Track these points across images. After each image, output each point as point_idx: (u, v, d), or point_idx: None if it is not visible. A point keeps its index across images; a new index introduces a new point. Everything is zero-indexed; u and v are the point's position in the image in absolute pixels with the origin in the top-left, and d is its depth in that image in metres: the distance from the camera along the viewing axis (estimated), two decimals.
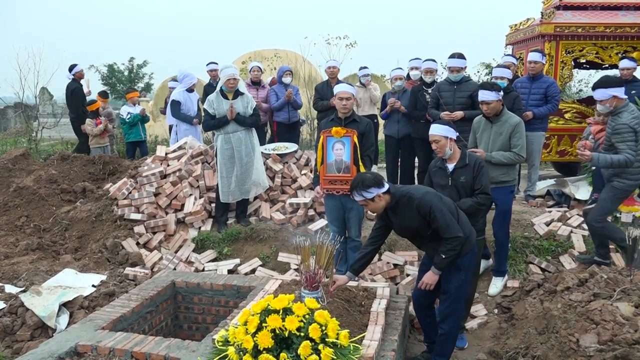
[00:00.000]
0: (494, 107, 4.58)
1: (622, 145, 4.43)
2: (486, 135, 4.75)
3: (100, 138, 8.74)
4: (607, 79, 4.68)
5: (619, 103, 4.49)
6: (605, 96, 4.47)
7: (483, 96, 4.56)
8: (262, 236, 5.97)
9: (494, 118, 4.65)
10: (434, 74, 6.32)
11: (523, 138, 4.60)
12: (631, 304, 3.67)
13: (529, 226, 5.72)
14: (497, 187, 4.62)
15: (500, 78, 5.73)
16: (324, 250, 3.44)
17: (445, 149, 4.01)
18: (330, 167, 4.89)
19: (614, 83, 4.51)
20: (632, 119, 4.43)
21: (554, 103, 6.16)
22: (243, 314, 2.76)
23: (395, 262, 5.54)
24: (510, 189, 4.81)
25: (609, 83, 4.51)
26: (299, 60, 13.10)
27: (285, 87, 7.45)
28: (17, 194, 6.72)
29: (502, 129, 4.64)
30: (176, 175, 6.54)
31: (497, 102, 4.57)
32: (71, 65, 9.21)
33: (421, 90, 6.29)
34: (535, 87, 6.16)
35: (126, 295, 4.16)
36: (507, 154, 4.61)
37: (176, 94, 7.56)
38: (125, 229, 6.09)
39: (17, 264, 5.34)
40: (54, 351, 3.24)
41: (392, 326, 3.56)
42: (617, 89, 4.46)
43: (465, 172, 4.03)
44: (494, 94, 4.52)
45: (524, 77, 6.42)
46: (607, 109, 4.55)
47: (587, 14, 7.17)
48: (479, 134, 4.83)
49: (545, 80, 6.18)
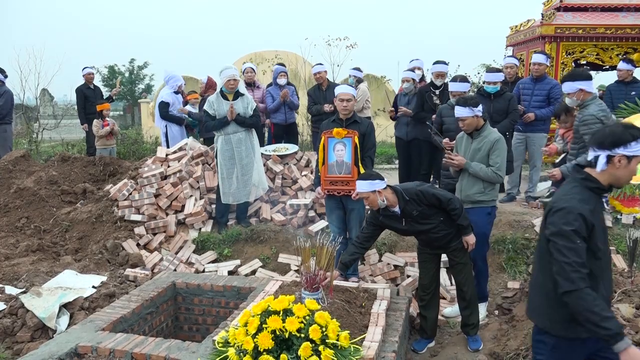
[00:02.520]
0: (470, 124, 4.33)
1: (588, 137, 4.36)
2: (466, 151, 4.50)
3: (106, 139, 8.78)
4: (575, 72, 4.71)
5: (587, 96, 4.48)
6: (573, 89, 4.46)
7: (457, 112, 4.33)
8: (263, 237, 5.97)
9: (474, 133, 4.41)
10: (444, 77, 6.25)
11: (503, 157, 4.35)
12: (632, 305, 3.67)
13: (529, 227, 5.72)
14: (473, 208, 4.36)
15: (493, 83, 5.73)
16: (325, 252, 3.44)
17: (377, 202, 3.87)
18: (331, 168, 4.89)
19: (581, 77, 4.51)
20: (598, 111, 4.44)
21: (556, 105, 6.10)
22: (243, 315, 2.75)
23: (395, 264, 5.53)
24: (487, 210, 4.45)
25: (577, 76, 4.51)
26: (299, 61, 13.11)
27: (281, 88, 7.45)
28: (17, 195, 6.72)
29: (481, 144, 4.39)
30: (176, 176, 6.55)
31: (473, 119, 4.29)
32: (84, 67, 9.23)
33: (428, 92, 6.26)
34: (538, 88, 6.17)
35: (126, 297, 4.16)
36: (485, 169, 4.33)
37: (164, 95, 7.59)
38: (126, 230, 6.09)
39: (17, 265, 5.33)
40: (54, 352, 3.24)
41: (393, 327, 3.56)
42: (584, 82, 4.46)
43: (413, 205, 3.90)
44: (468, 110, 4.26)
45: (527, 78, 6.43)
46: (575, 102, 4.54)
47: (587, 16, 7.18)
48: (460, 149, 4.58)
49: (548, 82, 6.20)
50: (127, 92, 24.03)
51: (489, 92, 5.78)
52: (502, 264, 5.41)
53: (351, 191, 4.85)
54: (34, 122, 13.58)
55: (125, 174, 7.01)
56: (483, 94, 5.85)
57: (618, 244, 5.49)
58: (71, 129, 15.74)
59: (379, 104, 14.47)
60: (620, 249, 5.39)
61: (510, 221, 5.82)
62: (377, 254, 5.65)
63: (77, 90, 9.02)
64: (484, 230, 4.45)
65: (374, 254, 5.64)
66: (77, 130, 14.87)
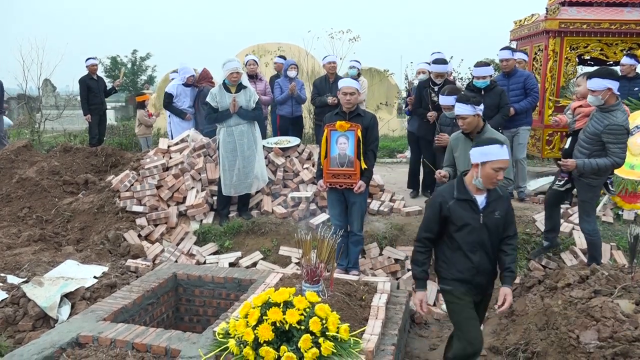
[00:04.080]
0: (471, 123, 3.97)
1: (615, 148, 4.24)
2: (465, 155, 3.94)
3: (146, 128, 8.96)
4: (605, 70, 4.45)
5: (611, 99, 4.26)
6: (601, 87, 4.21)
7: (458, 110, 3.98)
8: (264, 230, 5.98)
9: (475, 135, 4.00)
10: (444, 77, 6.10)
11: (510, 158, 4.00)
12: (632, 301, 3.67)
13: (530, 222, 5.72)
14: None
15: (481, 78, 5.61)
16: (326, 245, 3.44)
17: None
18: (333, 160, 4.89)
19: (611, 76, 4.26)
20: (625, 120, 4.26)
21: (533, 95, 6.17)
22: (244, 307, 2.76)
23: (396, 257, 5.54)
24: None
25: (607, 74, 4.25)
26: (302, 54, 13.06)
27: (290, 80, 7.43)
28: (19, 185, 6.74)
29: None
30: (178, 168, 6.55)
31: (474, 117, 3.95)
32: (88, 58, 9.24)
33: (427, 88, 6.15)
34: (512, 82, 6.17)
35: (128, 287, 4.17)
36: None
37: (170, 86, 7.63)
38: (127, 221, 6.10)
39: (19, 254, 5.35)
40: (56, 341, 3.26)
41: (393, 320, 3.57)
42: (613, 82, 4.22)
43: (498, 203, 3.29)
44: (470, 107, 3.91)
45: (499, 75, 6.44)
46: (599, 101, 4.28)
47: (592, 10, 7.13)
48: (458, 153, 4.19)
49: (520, 74, 6.21)
50: (130, 84, 24.02)
51: (478, 87, 5.64)
52: None
53: (353, 184, 4.86)
54: (36, 113, 13.57)
55: (127, 165, 7.02)
56: (473, 89, 5.68)
57: (619, 240, 5.49)
58: (73, 119, 15.73)
59: (382, 98, 14.43)
60: (621, 245, 5.40)
61: None
62: (378, 247, 5.66)
63: (80, 80, 9.01)
64: None
65: (374, 247, 5.65)
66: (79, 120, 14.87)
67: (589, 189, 4.56)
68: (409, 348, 4.25)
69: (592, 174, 4.45)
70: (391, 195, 6.42)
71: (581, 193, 4.65)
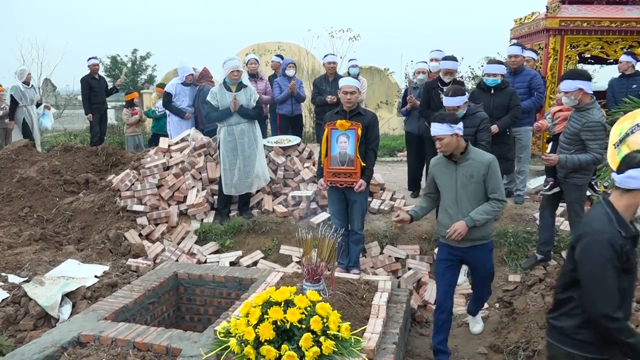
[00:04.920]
0: (449, 144, 3.61)
1: (593, 144, 4.32)
2: (450, 180, 3.73)
3: (135, 127, 8.93)
4: (575, 71, 4.60)
5: (585, 98, 4.35)
6: (572, 88, 4.30)
7: (434, 130, 3.65)
8: (264, 229, 5.98)
9: (459, 157, 3.68)
10: (453, 75, 5.86)
11: (500, 177, 3.72)
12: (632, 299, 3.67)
13: (531, 221, 5.72)
14: (473, 246, 3.75)
15: (493, 75, 5.51)
16: (326, 243, 3.44)
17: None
18: (334, 159, 4.89)
19: (582, 76, 4.38)
20: (601, 117, 4.36)
21: (538, 95, 6.02)
22: (245, 306, 2.76)
23: (397, 256, 5.54)
24: (490, 246, 3.88)
25: (578, 75, 4.38)
26: (302, 53, 13.07)
27: (289, 79, 7.42)
28: (20, 184, 6.74)
29: (471, 170, 3.65)
30: (179, 167, 6.55)
31: (452, 138, 3.59)
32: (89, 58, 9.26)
33: (436, 88, 5.90)
34: (518, 81, 6.00)
35: (129, 286, 4.18)
36: (489, 209, 3.63)
37: (169, 85, 7.66)
38: (128, 221, 6.11)
39: (20, 254, 5.36)
40: (57, 341, 3.26)
41: (394, 319, 3.57)
42: (584, 82, 4.33)
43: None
44: (446, 126, 3.57)
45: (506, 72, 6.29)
46: (572, 102, 4.38)
47: (592, 9, 7.13)
48: (440, 179, 3.82)
49: (527, 73, 6.04)
50: (130, 83, 24.01)
51: (489, 86, 5.54)
52: (503, 257, 5.42)
53: (353, 183, 4.86)
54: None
55: (127, 165, 7.02)
56: (483, 88, 5.63)
57: None
58: (74, 119, 15.74)
59: (382, 97, 14.43)
60: None
61: (512, 215, 5.82)
62: (379, 246, 5.66)
63: (82, 80, 9.02)
64: (490, 270, 3.98)
65: (375, 246, 5.65)
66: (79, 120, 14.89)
67: (575, 189, 4.62)
68: (410, 347, 4.25)
69: (574, 170, 4.50)
70: (392, 194, 6.41)
71: (568, 194, 4.71)
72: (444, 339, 3.89)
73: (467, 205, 3.67)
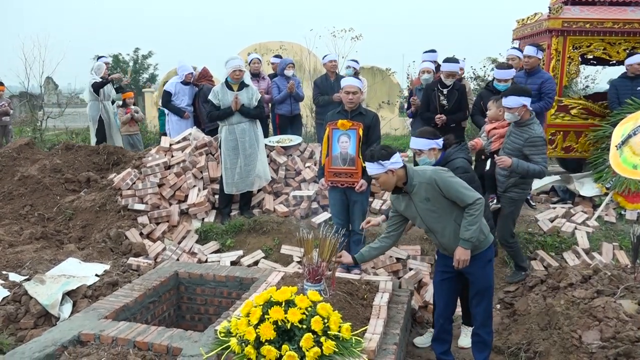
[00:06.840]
0: (386, 182, 3.40)
1: (538, 158, 4.49)
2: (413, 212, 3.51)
3: (130, 126, 8.92)
4: (519, 87, 4.79)
5: (526, 114, 4.55)
6: (517, 104, 4.50)
7: (369, 170, 3.45)
8: (265, 228, 5.97)
9: (405, 187, 3.44)
10: (455, 77, 5.84)
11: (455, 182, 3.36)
12: (635, 301, 3.67)
13: (532, 222, 5.71)
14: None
15: (504, 81, 5.47)
16: (327, 243, 3.44)
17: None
18: (335, 159, 4.88)
19: (525, 92, 4.57)
20: (541, 131, 4.57)
21: (547, 100, 5.90)
22: (245, 306, 2.76)
23: (398, 256, 5.53)
24: (488, 255, 3.56)
25: (522, 92, 4.55)
26: (304, 53, 13.06)
27: (287, 79, 7.42)
28: (21, 183, 6.74)
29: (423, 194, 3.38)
30: (180, 166, 6.55)
31: (387, 174, 3.36)
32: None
33: (435, 91, 5.92)
34: (530, 82, 5.90)
35: (129, 285, 4.18)
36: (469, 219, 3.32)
37: (169, 84, 7.65)
38: (129, 219, 6.10)
39: (21, 252, 5.36)
40: (57, 339, 3.26)
41: (394, 320, 3.57)
42: (528, 98, 4.53)
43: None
44: (377, 165, 3.35)
45: (521, 72, 6.24)
46: (515, 118, 4.57)
47: (595, 10, 7.10)
48: (405, 213, 3.58)
49: (540, 76, 5.98)
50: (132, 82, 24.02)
51: (498, 90, 5.47)
52: (504, 259, 5.41)
53: (355, 183, 4.85)
54: (38, 110, 13.58)
55: (129, 163, 7.01)
56: (492, 91, 5.59)
57: (622, 240, 5.48)
58: (75, 117, 15.76)
59: (384, 97, 14.42)
60: (624, 245, 5.39)
61: None
62: None
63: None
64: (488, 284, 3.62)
65: None
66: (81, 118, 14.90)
67: (512, 203, 4.82)
68: (411, 347, 4.24)
69: (514, 184, 4.72)
70: None
71: (504, 207, 4.87)
72: (447, 350, 3.82)
73: (443, 226, 3.44)
